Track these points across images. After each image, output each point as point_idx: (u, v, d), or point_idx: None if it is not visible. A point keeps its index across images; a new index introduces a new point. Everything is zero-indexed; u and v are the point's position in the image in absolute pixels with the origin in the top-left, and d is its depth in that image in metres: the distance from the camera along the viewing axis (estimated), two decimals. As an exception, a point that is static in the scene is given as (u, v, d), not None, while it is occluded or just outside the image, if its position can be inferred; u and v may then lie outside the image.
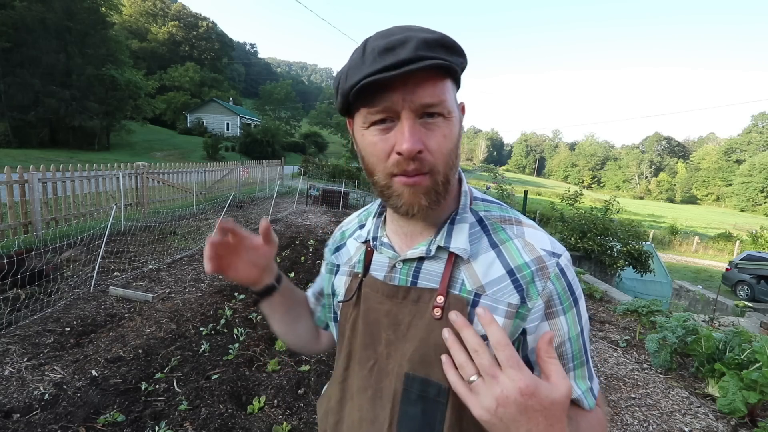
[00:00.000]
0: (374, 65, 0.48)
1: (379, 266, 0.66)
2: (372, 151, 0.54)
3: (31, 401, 2.30)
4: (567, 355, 0.58)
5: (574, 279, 0.59)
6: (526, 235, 0.59)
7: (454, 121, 0.54)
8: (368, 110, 0.53)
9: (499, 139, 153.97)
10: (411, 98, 0.50)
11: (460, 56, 0.54)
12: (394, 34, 0.51)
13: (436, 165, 0.52)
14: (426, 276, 0.60)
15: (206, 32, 59.92)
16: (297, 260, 5.68)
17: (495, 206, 0.65)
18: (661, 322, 3.45)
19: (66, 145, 25.25)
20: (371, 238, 0.67)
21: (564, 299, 0.57)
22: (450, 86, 0.54)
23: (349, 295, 0.68)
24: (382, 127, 0.53)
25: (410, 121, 0.50)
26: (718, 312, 6.14)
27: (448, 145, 0.53)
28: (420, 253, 0.60)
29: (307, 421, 2.34)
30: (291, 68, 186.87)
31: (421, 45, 0.48)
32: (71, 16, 23.63)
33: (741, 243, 21.17)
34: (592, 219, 9.48)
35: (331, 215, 10.50)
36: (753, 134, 74.37)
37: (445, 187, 0.55)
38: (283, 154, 31.36)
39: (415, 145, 0.50)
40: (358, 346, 0.65)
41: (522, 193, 10.69)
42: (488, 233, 0.60)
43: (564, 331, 0.57)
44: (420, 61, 0.47)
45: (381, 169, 0.54)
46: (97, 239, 4.67)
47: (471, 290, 0.57)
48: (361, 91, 0.50)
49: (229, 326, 3.41)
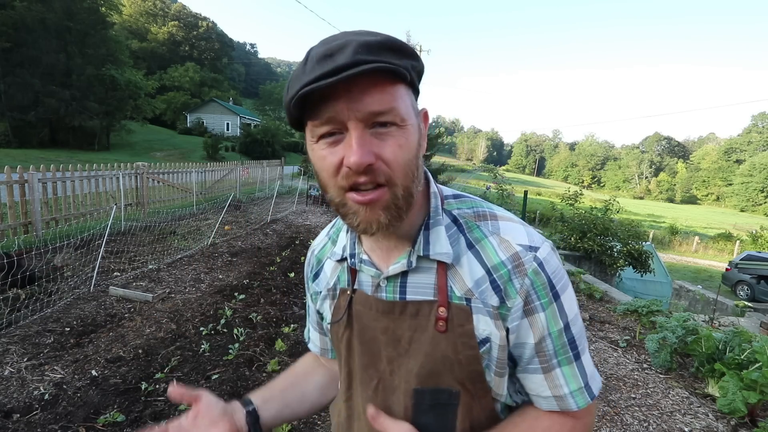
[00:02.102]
0: (312, 74, 0.45)
1: (364, 285, 0.62)
2: (322, 165, 0.50)
3: (31, 401, 2.30)
4: (548, 351, 0.55)
5: (556, 271, 0.55)
6: (501, 231, 0.57)
7: (410, 129, 0.50)
8: (313, 123, 0.49)
9: (499, 139, 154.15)
10: (356, 107, 0.46)
11: (410, 58, 0.49)
12: (334, 39, 0.47)
13: (392, 177, 0.48)
14: (413, 290, 0.58)
15: (206, 32, 59.96)
16: (297, 260, 5.68)
17: (468, 201, 0.61)
18: (661, 322, 3.45)
19: (66, 145, 25.26)
20: (348, 255, 0.63)
21: (542, 294, 0.54)
22: (403, 92, 0.49)
23: (339, 315, 0.64)
24: (330, 140, 0.49)
25: (358, 131, 0.47)
26: (718, 312, 6.14)
27: (405, 156, 0.49)
28: (401, 267, 0.57)
29: (307, 421, 2.34)
30: (291, 68, 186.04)
31: (361, 48, 0.44)
32: (71, 16, 23.66)
33: (741, 243, 21.18)
34: (592, 219, 9.47)
35: (331, 215, 10.50)
36: (753, 134, 74.37)
37: (406, 200, 0.51)
38: (283, 154, 31.32)
39: (364, 157, 0.46)
40: (357, 367, 0.63)
41: (522, 193, 10.70)
42: (464, 233, 0.58)
43: (544, 327, 0.54)
44: (359, 66, 0.43)
45: (333, 184, 0.50)
46: (97, 239, 4.67)
47: (461, 296, 0.55)
48: (301, 102, 0.47)
49: (229, 326, 3.41)
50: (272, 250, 6.23)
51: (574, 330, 0.56)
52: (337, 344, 0.67)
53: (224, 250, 6.05)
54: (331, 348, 0.77)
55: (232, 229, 7.52)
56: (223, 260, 5.54)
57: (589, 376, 0.58)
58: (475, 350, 0.54)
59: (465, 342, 0.54)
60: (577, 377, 0.56)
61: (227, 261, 5.53)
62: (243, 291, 4.30)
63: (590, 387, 0.57)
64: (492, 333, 0.55)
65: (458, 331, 0.55)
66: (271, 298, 4.17)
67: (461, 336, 0.54)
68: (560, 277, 0.56)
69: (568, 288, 0.57)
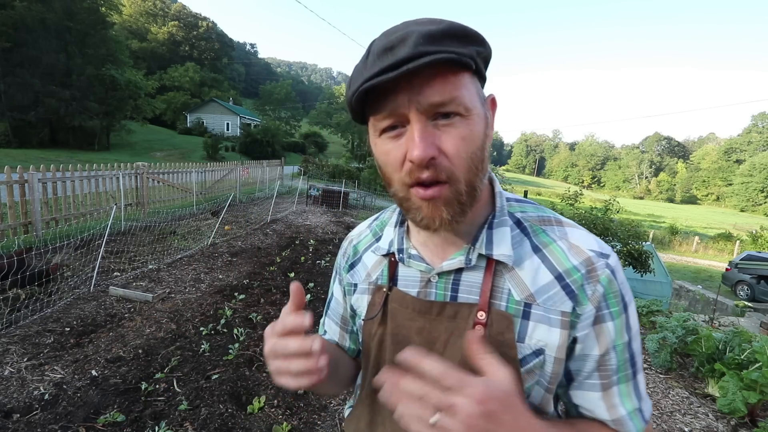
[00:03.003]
0: (373, 68, 0.44)
1: (410, 281, 0.60)
2: (385, 160, 0.50)
3: (31, 401, 2.30)
4: (611, 366, 0.52)
5: (625, 282, 0.53)
6: (569, 237, 0.55)
7: (475, 119, 0.48)
8: (375, 117, 0.49)
9: (499, 139, 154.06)
10: (418, 99, 0.45)
11: (477, 44, 0.48)
12: (396, 31, 0.46)
13: (454, 171, 0.47)
14: (467, 288, 0.55)
15: (206, 32, 59.93)
16: (297, 260, 5.68)
17: (530, 206, 0.60)
18: (661, 322, 3.45)
19: (66, 145, 25.24)
20: (396, 250, 0.61)
21: (613, 303, 0.52)
22: (467, 80, 0.48)
23: (373, 312, 0.62)
24: (393, 134, 0.48)
25: (420, 124, 0.46)
26: (718, 312, 6.14)
27: (469, 148, 0.47)
28: (458, 263, 0.55)
29: (307, 421, 2.34)
30: (291, 68, 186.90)
31: (423, 39, 0.43)
32: (71, 16, 23.62)
33: (741, 243, 21.16)
34: (592, 219, 9.44)
35: (331, 215, 10.50)
36: (753, 134, 74.34)
37: (469, 195, 0.49)
38: (283, 154, 31.36)
39: (427, 150, 0.45)
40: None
41: (522, 194, 10.71)
42: (529, 236, 0.55)
43: (611, 339, 0.52)
44: (421, 58, 0.42)
45: (397, 179, 0.49)
46: (97, 239, 4.67)
47: (520, 300, 0.52)
48: (363, 97, 0.46)
49: (229, 326, 3.41)
50: (272, 250, 6.23)
51: (635, 346, 0.54)
52: (368, 342, 0.64)
53: (224, 250, 6.05)
54: (348, 346, 0.75)
55: (232, 229, 7.52)
56: (223, 260, 5.54)
57: (643, 398, 0.55)
58: (514, 362, 0.51)
59: (504, 352, 0.51)
60: (632, 397, 0.53)
61: (227, 261, 5.53)
62: (243, 291, 4.30)
63: (643, 410, 0.54)
64: (549, 344, 0.52)
65: (497, 339, 0.52)
66: (271, 298, 4.17)
67: (500, 345, 0.52)
68: (628, 288, 0.54)
69: (633, 301, 0.55)
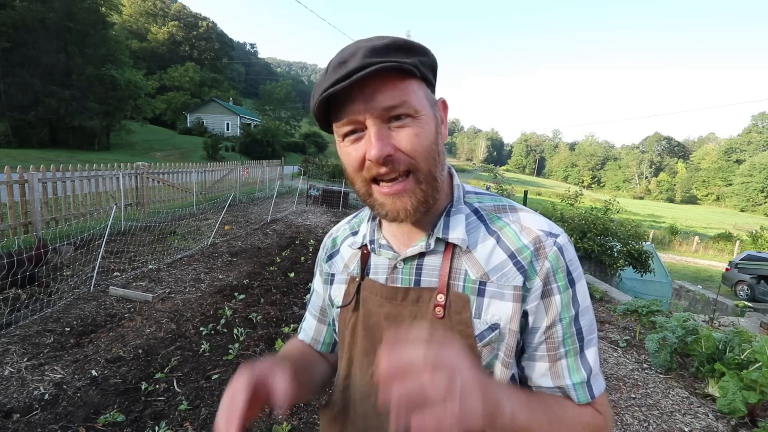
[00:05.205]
0: (329, 80, 0.50)
1: (379, 269, 0.65)
2: (348, 161, 0.56)
3: (31, 401, 2.30)
4: (557, 338, 0.56)
5: (574, 260, 0.58)
6: (522, 220, 0.60)
7: (425, 118, 0.54)
8: (336, 124, 0.55)
9: (499, 139, 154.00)
10: (371, 105, 0.51)
11: (419, 54, 0.54)
12: (349, 48, 0.53)
13: (413, 163, 0.53)
14: (429, 272, 0.60)
15: (206, 32, 59.97)
16: (297, 260, 5.68)
17: (488, 197, 0.65)
18: (661, 322, 3.45)
19: (66, 145, 25.24)
20: (368, 242, 0.67)
21: (560, 278, 0.56)
22: (415, 86, 0.53)
23: (347, 300, 0.67)
24: (353, 138, 0.54)
25: (376, 127, 0.52)
26: (718, 312, 6.15)
27: (423, 142, 0.53)
28: (420, 248, 0.60)
29: (307, 421, 2.34)
30: (291, 68, 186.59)
31: (370, 52, 0.50)
32: (71, 16, 23.61)
33: (741, 243, 21.17)
34: (592, 219, 9.47)
35: (331, 215, 10.50)
36: (753, 134, 74.38)
37: (430, 184, 0.55)
38: (283, 154, 31.34)
39: (383, 149, 0.51)
40: (358, 352, 0.64)
41: (522, 193, 10.71)
42: (485, 222, 0.61)
43: (557, 311, 0.55)
44: (368, 68, 0.48)
45: (359, 178, 0.56)
46: (97, 239, 4.67)
47: (476, 279, 0.57)
48: (325, 106, 0.53)
49: (229, 326, 3.41)
50: (272, 250, 6.22)
51: (584, 321, 0.57)
52: (342, 330, 0.68)
53: (224, 250, 6.05)
54: (324, 340, 0.79)
55: (232, 229, 7.52)
56: (223, 260, 5.54)
57: (593, 374, 0.57)
58: (471, 339, 0.56)
59: (462, 330, 0.56)
60: (580, 371, 0.56)
61: (227, 261, 5.53)
62: (243, 291, 4.30)
63: (591, 385, 0.56)
64: (503, 317, 0.55)
65: (455, 318, 0.56)
66: (271, 298, 4.17)
67: (458, 324, 0.56)
68: (576, 266, 0.58)
69: (582, 279, 0.59)
